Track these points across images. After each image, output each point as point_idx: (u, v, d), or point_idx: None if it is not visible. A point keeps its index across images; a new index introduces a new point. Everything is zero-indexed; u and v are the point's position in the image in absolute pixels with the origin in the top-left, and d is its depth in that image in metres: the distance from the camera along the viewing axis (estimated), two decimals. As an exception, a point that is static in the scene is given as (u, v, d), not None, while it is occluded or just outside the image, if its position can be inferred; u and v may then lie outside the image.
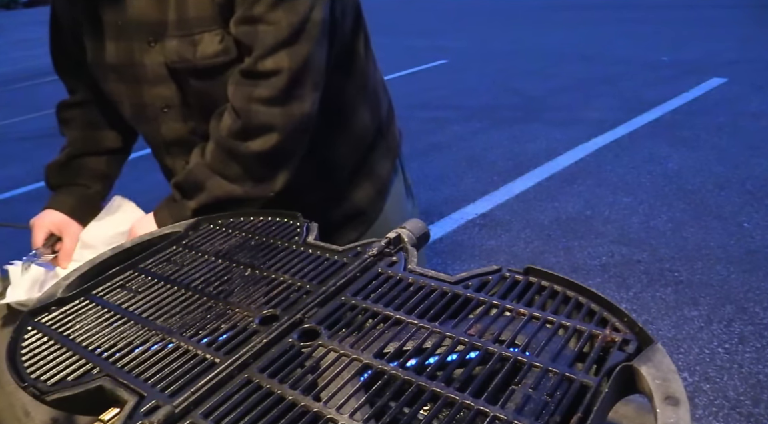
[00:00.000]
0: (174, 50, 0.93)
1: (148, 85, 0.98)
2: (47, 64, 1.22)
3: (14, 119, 6.43)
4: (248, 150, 0.92)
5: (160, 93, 0.98)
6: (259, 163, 0.94)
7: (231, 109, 0.93)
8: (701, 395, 1.91)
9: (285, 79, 0.89)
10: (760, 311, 2.25)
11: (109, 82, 1.04)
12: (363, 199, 1.16)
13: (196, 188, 0.96)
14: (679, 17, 7.77)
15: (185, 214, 0.96)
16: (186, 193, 0.97)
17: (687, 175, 3.41)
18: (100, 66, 1.03)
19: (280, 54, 0.89)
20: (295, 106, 0.91)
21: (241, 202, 0.96)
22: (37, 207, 1.18)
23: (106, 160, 1.19)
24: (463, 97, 5.43)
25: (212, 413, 0.52)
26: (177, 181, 0.97)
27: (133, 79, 0.99)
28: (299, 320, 0.62)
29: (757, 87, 4.74)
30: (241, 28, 0.90)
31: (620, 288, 2.47)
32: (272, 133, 0.92)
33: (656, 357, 0.50)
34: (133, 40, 0.97)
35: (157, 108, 1.00)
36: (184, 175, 0.97)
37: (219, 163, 0.94)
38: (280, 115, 0.91)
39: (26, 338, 0.67)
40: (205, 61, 0.93)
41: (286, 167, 0.96)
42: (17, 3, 25.12)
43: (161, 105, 1.00)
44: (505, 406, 0.47)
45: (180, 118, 1.01)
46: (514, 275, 0.64)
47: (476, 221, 3.18)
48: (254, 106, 0.90)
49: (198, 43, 0.92)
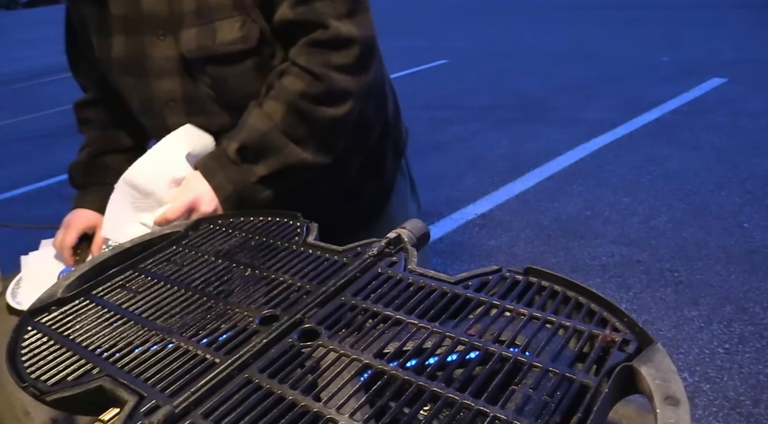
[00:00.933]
0: (192, 39, 0.93)
1: (155, 78, 0.99)
2: (47, 64, 1.23)
3: (14, 119, 6.43)
4: (325, 115, 0.93)
5: (164, 86, 0.99)
6: (331, 128, 0.95)
7: (304, 72, 0.91)
8: (701, 395, 1.91)
9: (358, 48, 0.92)
10: (760, 311, 2.25)
11: (117, 76, 1.04)
12: (368, 197, 1.16)
13: (267, 153, 0.93)
14: (679, 17, 7.77)
15: (249, 180, 0.93)
16: (254, 158, 0.93)
17: (687, 175, 3.41)
18: (109, 60, 1.03)
19: (347, 25, 0.91)
20: (367, 74, 0.95)
21: (305, 170, 0.96)
22: (37, 207, 1.18)
23: (128, 159, 1.19)
24: (463, 97, 5.43)
25: (212, 413, 0.52)
26: (243, 145, 0.92)
27: (141, 72, 0.99)
28: (299, 320, 0.62)
29: (757, 87, 4.74)
30: (299, 9, 0.91)
31: (620, 288, 2.47)
32: (349, 99, 0.94)
33: (656, 357, 0.50)
34: (143, 33, 0.97)
35: (162, 101, 1.00)
36: (252, 139, 0.92)
37: (291, 126, 0.93)
38: (355, 82, 0.93)
39: (26, 338, 0.67)
40: (224, 48, 0.93)
41: (345, 136, 0.98)
42: (17, 3, 25.13)
43: (166, 98, 1.00)
44: (505, 406, 0.47)
45: (183, 112, 1.01)
46: (514, 275, 0.64)
47: (476, 221, 3.18)
48: (333, 73, 0.91)
49: (217, 29, 0.92)
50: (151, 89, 1.00)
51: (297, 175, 0.96)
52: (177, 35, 0.94)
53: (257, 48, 0.93)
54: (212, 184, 0.93)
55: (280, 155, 0.93)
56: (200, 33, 0.93)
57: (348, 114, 0.95)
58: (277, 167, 0.93)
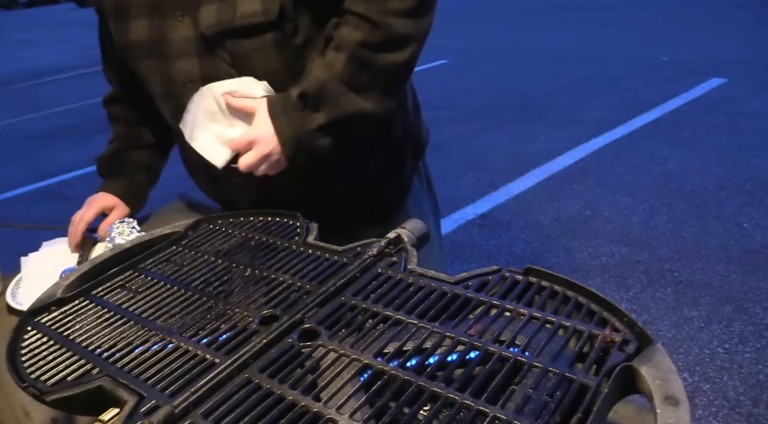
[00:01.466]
0: (212, 14, 0.93)
1: (174, 60, 0.99)
2: (47, 64, 1.24)
3: (14, 119, 6.43)
4: (385, 61, 0.93)
5: (183, 68, 0.99)
6: (391, 75, 0.96)
7: (362, 21, 0.91)
8: (701, 395, 1.91)
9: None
10: (760, 311, 2.25)
11: (138, 59, 1.04)
12: (387, 194, 1.16)
13: (326, 101, 0.93)
14: (679, 17, 7.77)
15: (309, 126, 0.94)
16: (314, 105, 0.93)
17: (687, 175, 3.41)
18: (129, 44, 1.03)
19: None
20: (427, 18, 0.94)
21: (365, 120, 0.97)
22: (37, 207, 1.19)
23: (150, 154, 1.28)
24: (463, 97, 5.43)
25: (212, 413, 0.52)
26: (304, 91, 0.93)
27: (161, 55, 1.00)
28: (299, 320, 0.62)
29: (757, 87, 4.73)
30: None
31: (620, 288, 2.47)
32: (410, 45, 0.94)
33: (656, 357, 0.50)
34: (164, 15, 0.97)
35: (181, 83, 1.00)
36: (312, 87, 0.93)
37: (352, 75, 0.93)
38: (415, 26, 0.93)
39: (26, 338, 0.67)
40: (243, 21, 0.92)
41: (405, 84, 0.99)
42: (17, 3, 25.13)
43: (185, 80, 1.00)
44: (505, 406, 0.47)
45: None
46: (514, 276, 0.64)
47: (476, 222, 3.18)
48: (392, 19, 0.91)
49: (238, 3, 0.92)
50: (171, 71, 1.00)
51: (357, 125, 0.97)
52: (195, 15, 0.95)
53: (278, 22, 0.93)
54: (275, 126, 0.94)
55: (339, 104, 0.93)
56: (220, 8, 0.93)
57: (410, 59, 0.95)
58: (335, 116, 0.94)
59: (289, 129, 0.94)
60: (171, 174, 1.41)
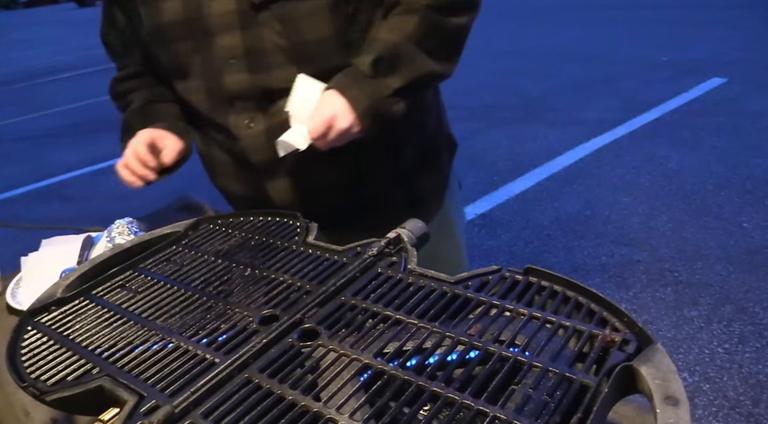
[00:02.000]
0: None
1: (214, 35, 0.96)
2: (47, 64, 1.22)
3: (14, 119, 6.43)
4: (452, 24, 0.96)
5: (225, 43, 0.96)
6: (456, 38, 0.98)
7: None
8: (701, 395, 1.91)
9: None
10: (760, 311, 2.25)
11: (174, 42, 1.00)
12: (424, 189, 1.16)
13: (401, 63, 0.93)
14: (679, 17, 7.77)
15: (383, 93, 0.92)
16: (388, 69, 0.92)
17: (687, 175, 3.41)
18: (163, 27, 0.99)
19: None
20: None
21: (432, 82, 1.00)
22: (37, 207, 1.18)
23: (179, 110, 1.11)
24: (463, 97, 5.43)
25: (212, 413, 0.52)
26: (379, 56, 0.92)
27: (201, 32, 0.97)
28: (299, 320, 0.62)
29: (757, 87, 4.73)
30: None
31: (620, 288, 2.47)
32: (472, 9, 0.98)
33: (656, 357, 0.50)
34: None
35: (223, 59, 0.97)
36: (386, 50, 0.92)
37: (423, 37, 0.94)
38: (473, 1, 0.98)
39: (26, 338, 0.67)
40: None
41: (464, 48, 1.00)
42: (17, 3, 25.13)
43: (227, 56, 0.97)
44: (505, 406, 0.47)
45: (245, 69, 0.97)
46: (514, 275, 0.64)
47: (476, 221, 3.18)
48: None
49: None
50: (210, 48, 0.97)
51: (424, 87, 1.00)
52: None
53: None
54: (348, 99, 0.91)
55: (413, 66, 0.94)
56: None
57: (470, 23, 0.98)
58: (410, 78, 0.93)
59: (364, 99, 0.91)
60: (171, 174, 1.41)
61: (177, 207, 1.42)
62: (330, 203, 1.07)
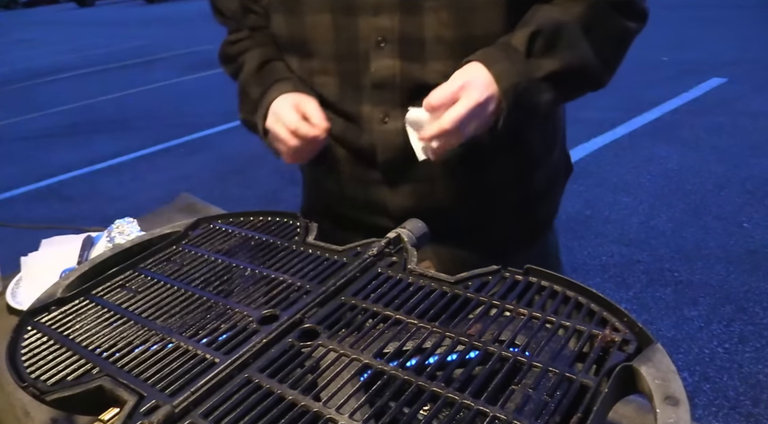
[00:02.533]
0: None
1: (367, 14, 0.86)
2: (47, 64, 1.22)
3: (14, 119, 6.43)
4: (621, 23, 0.86)
5: (379, 24, 0.86)
6: (621, 41, 0.89)
7: None
8: (701, 395, 1.91)
9: None
10: (760, 311, 2.25)
11: (309, 14, 0.89)
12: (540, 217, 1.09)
13: (561, 45, 0.82)
14: (679, 17, 7.77)
15: (535, 75, 0.81)
16: (545, 49, 0.81)
17: (687, 175, 3.41)
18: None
19: None
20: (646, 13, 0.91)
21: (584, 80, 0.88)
22: (37, 207, 1.18)
23: None
24: (463, 97, 5.43)
25: (212, 413, 0.52)
26: (538, 29, 0.81)
27: (347, 9, 0.87)
28: (299, 319, 0.62)
29: (757, 87, 4.73)
30: None
31: (620, 288, 2.47)
32: (641, 19, 0.89)
33: (656, 357, 0.50)
34: None
35: (371, 42, 0.87)
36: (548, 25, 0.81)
37: (590, 25, 0.83)
38: (646, 11, 0.89)
39: (26, 338, 0.67)
40: None
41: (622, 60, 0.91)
42: (17, 3, 25.12)
43: (377, 38, 0.87)
44: (505, 406, 0.47)
45: (397, 54, 0.87)
46: (514, 275, 0.64)
47: (476, 221, 3.18)
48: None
49: None
50: (357, 28, 0.87)
51: (576, 88, 0.88)
52: None
53: None
54: (493, 72, 0.79)
55: (574, 51, 0.83)
56: None
57: (637, 32, 0.89)
58: (568, 64, 0.82)
59: (513, 73, 0.79)
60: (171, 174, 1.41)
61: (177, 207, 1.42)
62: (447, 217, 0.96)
